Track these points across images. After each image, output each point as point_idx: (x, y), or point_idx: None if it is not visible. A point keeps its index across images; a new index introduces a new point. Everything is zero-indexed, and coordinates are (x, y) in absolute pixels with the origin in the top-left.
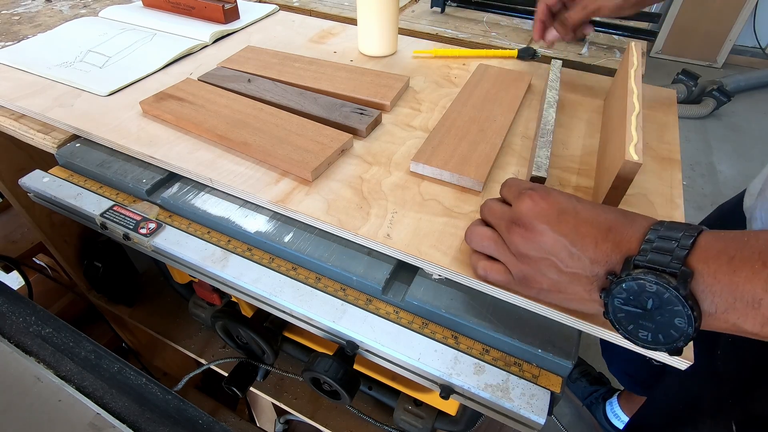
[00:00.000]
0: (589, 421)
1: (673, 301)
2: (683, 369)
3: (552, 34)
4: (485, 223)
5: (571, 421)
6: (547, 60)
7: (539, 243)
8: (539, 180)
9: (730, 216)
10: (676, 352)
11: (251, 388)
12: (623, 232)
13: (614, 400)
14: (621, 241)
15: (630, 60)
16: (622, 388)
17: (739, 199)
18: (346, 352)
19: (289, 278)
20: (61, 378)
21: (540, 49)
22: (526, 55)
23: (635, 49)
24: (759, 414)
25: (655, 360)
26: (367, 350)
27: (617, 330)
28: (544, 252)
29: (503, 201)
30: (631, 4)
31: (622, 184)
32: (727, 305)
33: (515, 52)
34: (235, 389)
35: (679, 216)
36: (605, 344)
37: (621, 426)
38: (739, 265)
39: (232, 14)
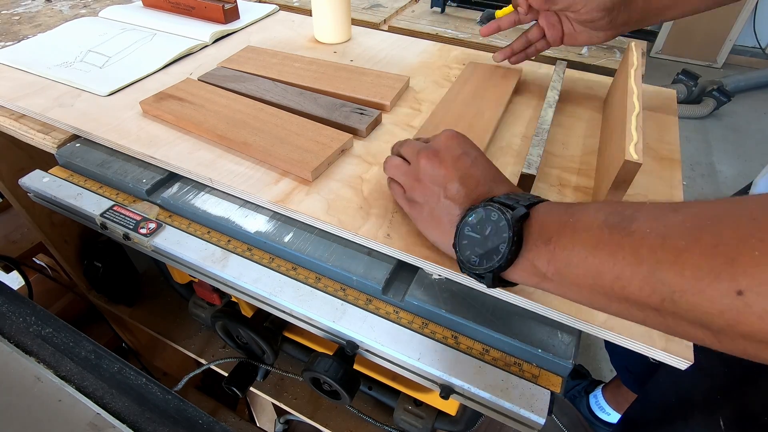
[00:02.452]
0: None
1: (503, 228)
2: (683, 369)
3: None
4: (398, 156)
5: (571, 421)
6: (546, 60)
7: (437, 171)
8: (529, 178)
9: None
10: (488, 275)
11: (251, 388)
12: (498, 186)
13: (598, 392)
14: (493, 190)
15: (630, 60)
16: (604, 379)
17: (741, 194)
18: (346, 352)
19: (289, 278)
20: (61, 378)
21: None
22: None
23: (635, 49)
24: (746, 411)
25: (653, 358)
26: (367, 350)
27: (456, 254)
28: (437, 180)
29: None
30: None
31: (622, 183)
32: (532, 244)
33: None
34: (235, 389)
35: None
36: None
37: (606, 418)
38: (550, 217)
39: (232, 14)
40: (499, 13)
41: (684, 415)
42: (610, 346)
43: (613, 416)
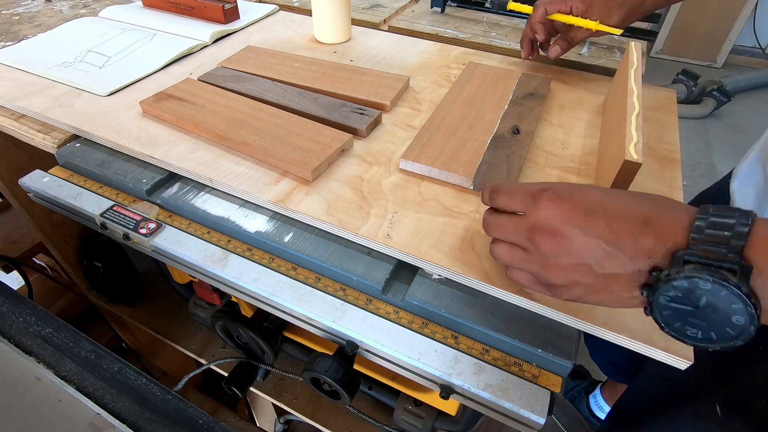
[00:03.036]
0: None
1: (732, 299)
2: (683, 368)
3: (555, 49)
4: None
5: (571, 421)
6: (547, 60)
7: (570, 249)
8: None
9: (712, 201)
10: (728, 348)
11: (251, 388)
12: (663, 222)
13: (597, 392)
14: (663, 232)
15: (630, 60)
16: (603, 379)
17: (720, 185)
18: (346, 352)
19: (289, 278)
20: (61, 378)
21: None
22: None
23: (635, 49)
24: (740, 395)
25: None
26: (367, 350)
27: (662, 328)
28: (577, 258)
29: (508, 212)
30: (624, 18)
31: (622, 184)
32: None
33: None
34: (235, 389)
35: None
36: (587, 333)
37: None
38: None
39: (232, 14)
40: (512, 5)
41: (677, 403)
42: (590, 341)
43: None
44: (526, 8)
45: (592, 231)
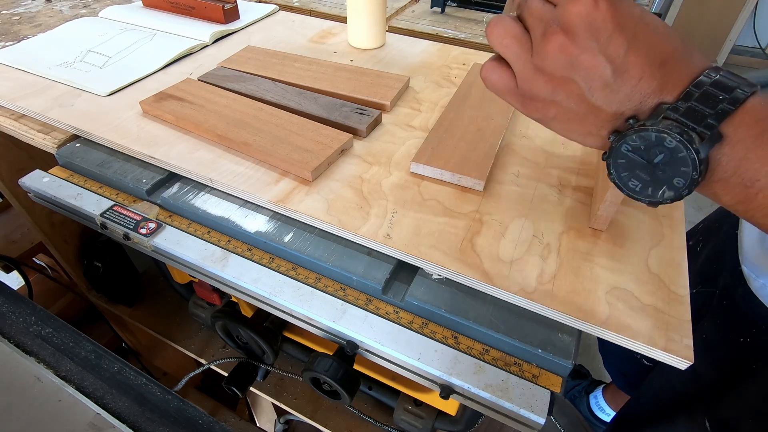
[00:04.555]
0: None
1: (685, 162)
2: (683, 369)
3: None
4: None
5: (570, 422)
6: None
7: (576, 60)
8: None
9: (727, 215)
10: (654, 204)
11: (251, 388)
12: (674, 72)
13: (598, 393)
14: (667, 83)
15: None
16: (604, 379)
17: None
18: (346, 352)
19: (289, 278)
20: (61, 378)
21: None
22: None
23: None
24: (729, 416)
25: (646, 360)
26: (367, 350)
27: (609, 173)
28: (576, 74)
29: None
30: None
31: None
32: (724, 175)
33: None
34: (235, 389)
35: (679, 216)
36: (602, 341)
37: (606, 418)
38: (765, 142)
39: (232, 14)
40: None
41: (670, 417)
42: (604, 351)
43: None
44: None
45: (609, 51)
